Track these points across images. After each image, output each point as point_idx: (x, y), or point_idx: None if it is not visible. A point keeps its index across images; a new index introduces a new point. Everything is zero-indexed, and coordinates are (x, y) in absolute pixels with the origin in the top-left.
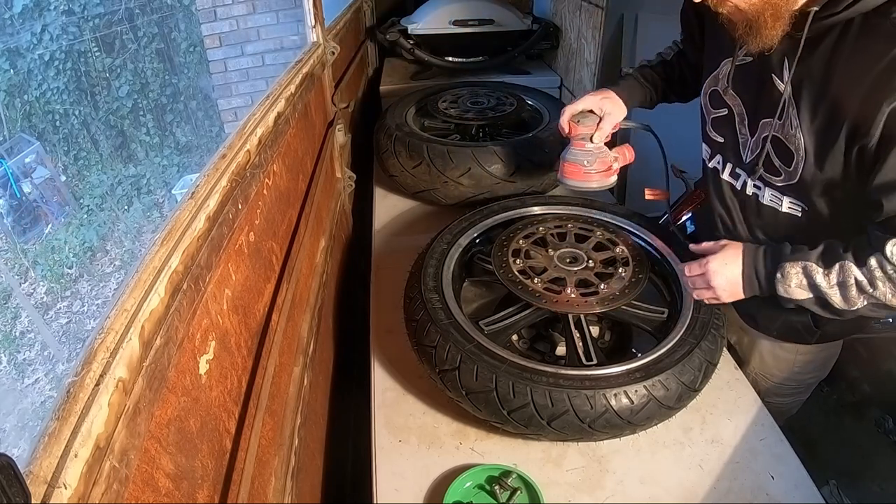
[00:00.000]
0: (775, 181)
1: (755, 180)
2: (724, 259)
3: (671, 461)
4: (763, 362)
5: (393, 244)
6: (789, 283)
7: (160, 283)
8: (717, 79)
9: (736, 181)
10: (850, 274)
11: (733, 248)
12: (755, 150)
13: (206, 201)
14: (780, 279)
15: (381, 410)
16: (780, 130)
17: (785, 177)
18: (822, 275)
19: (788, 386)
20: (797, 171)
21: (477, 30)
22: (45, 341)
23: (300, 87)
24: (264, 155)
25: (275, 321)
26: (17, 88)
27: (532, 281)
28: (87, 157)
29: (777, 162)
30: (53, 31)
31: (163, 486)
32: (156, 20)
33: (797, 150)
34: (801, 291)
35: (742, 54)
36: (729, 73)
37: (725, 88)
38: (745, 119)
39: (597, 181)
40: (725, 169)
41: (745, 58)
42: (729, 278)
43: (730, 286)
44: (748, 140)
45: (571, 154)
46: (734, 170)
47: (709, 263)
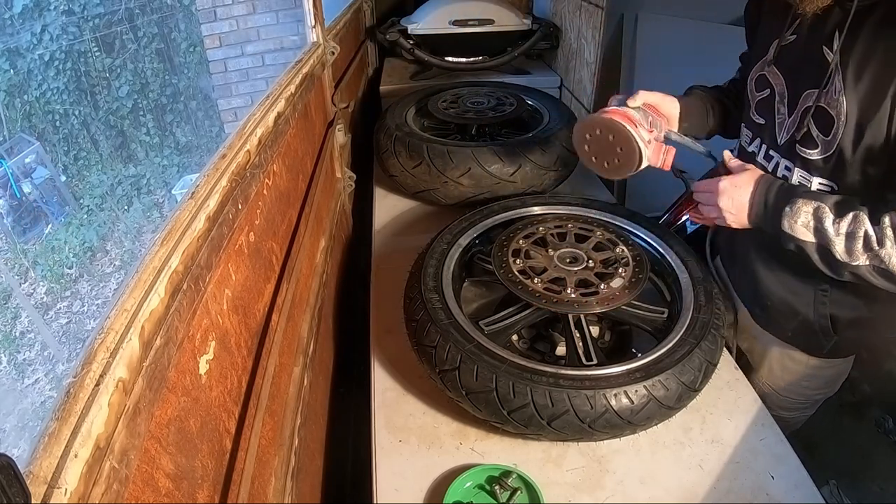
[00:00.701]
0: (810, 155)
1: (787, 159)
2: (736, 181)
3: (671, 461)
4: (772, 372)
5: (393, 244)
6: (796, 219)
7: (160, 283)
8: (765, 62)
9: (768, 164)
10: (861, 226)
11: (749, 173)
12: (791, 129)
13: (206, 201)
14: (789, 213)
15: (381, 410)
16: (824, 98)
17: (821, 148)
18: (832, 221)
19: (795, 400)
20: (835, 139)
21: (477, 30)
22: (45, 341)
23: (300, 87)
24: (264, 155)
25: (275, 321)
26: (17, 88)
27: (532, 281)
28: (87, 157)
29: (815, 132)
30: (53, 31)
31: (163, 486)
32: (156, 20)
33: (838, 116)
34: (805, 232)
35: (789, 33)
36: (775, 51)
37: (769, 66)
38: (786, 97)
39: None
40: (761, 151)
41: (790, 37)
42: (736, 201)
43: (736, 209)
44: (785, 120)
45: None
46: (768, 152)
47: (720, 182)
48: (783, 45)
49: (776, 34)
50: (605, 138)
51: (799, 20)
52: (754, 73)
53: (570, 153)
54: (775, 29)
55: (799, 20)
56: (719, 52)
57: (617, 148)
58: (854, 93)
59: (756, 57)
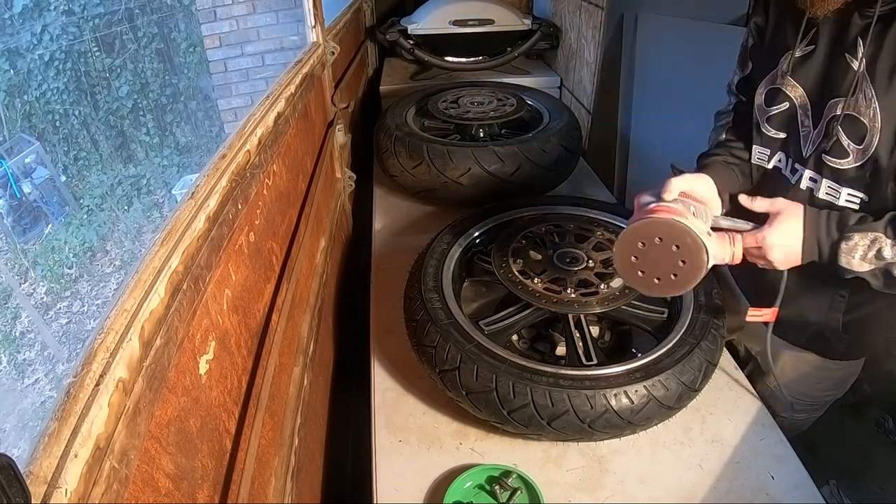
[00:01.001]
0: (840, 164)
1: (814, 171)
2: (782, 231)
3: (671, 461)
4: (784, 375)
5: (393, 244)
6: (854, 255)
7: (160, 283)
8: (776, 75)
9: (793, 176)
10: None
11: (792, 218)
12: (817, 140)
13: (206, 201)
14: (845, 249)
15: (381, 410)
16: (853, 107)
17: (853, 157)
18: (891, 246)
19: (805, 402)
20: (869, 147)
21: (477, 30)
22: (45, 341)
23: (300, 87)
24: (264, 155)
25: (275, 321)
26: (17, 88)
27: (532, 281)
28: (87, 157)
29: (846, 141)
30: (53, 31)
31: (163, 486)
32: (156, 20)
33: (872, 123)
34: (864, 264)
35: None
36: (789, 62)
37: (784, 79)
38: (809, 108)
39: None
40: (786, 165)
41: (806, 48)
42: (788, 251)
43: (788, 258)
44: (810, 132)
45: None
46: (793, 165)
47: (766, 238)
48: (799, 57)
49: (787, 47)
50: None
51: (814, 30)
52: (763, 87)
53: (570, 153)
54: (785, 42)
55: (814, 30)
56: (719, 52)
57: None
58: (887, 99)
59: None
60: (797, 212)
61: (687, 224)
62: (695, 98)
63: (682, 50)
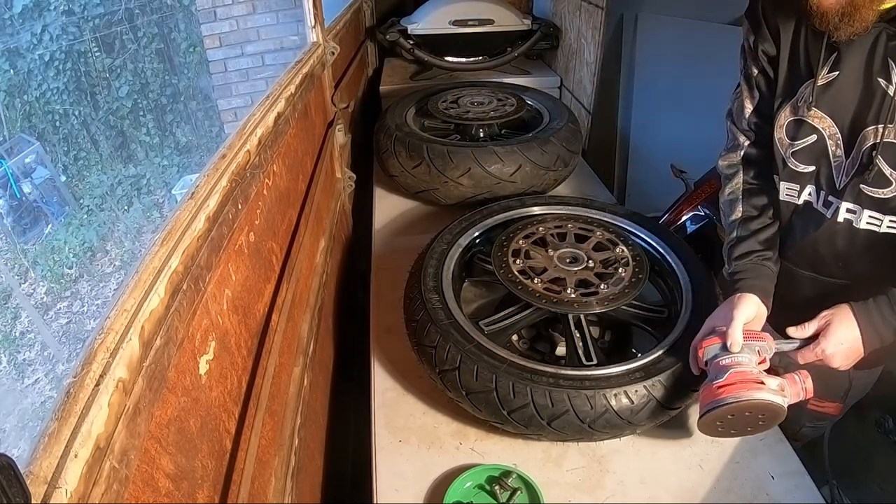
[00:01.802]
0: (883, 194)
1: (851, 202)
2: (839, 339)
3: (671, 461)
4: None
5: (393, 244)
6: None
7: (160, 284)
8: (797, 106)
9: (827, 210)
10: None
11: (844, 322)
12: (851, 171)
13: (206, 201)
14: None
15: (381, 410)
16: (893, 133)
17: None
18: None
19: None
20: None
21: (477, 30)
22: (45, 341)
23: (300, 87)
24: (264, 155)
25: (275, 321)
26: (17, 88)
27: (532, 281)
28: (87, 157)
29: (888, 170)
30: (53, 31)
31: (163, 486)
32: (156, 20)
33: None
34: None
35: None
36: (812, 92)
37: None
38: (840, 138)
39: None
40: (819, 199)
41: (829, 75)
42: (849, 353)
43: (850, 357)
44: (842, 162)
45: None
46: (827, 198)
47: (825, 350)
48: (822, 85)
49: (806, 75)
50: (741, 417)
51: (835, 55)
52: (783, 119)
53: (570, 153)
54: (804, 69)
55: (835, 55)
56: (719, 52)
57: (757, 417)
58: None
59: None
60: (846, 314)
61: (767, 398)
62: (695, 98)
63: (682, 50)
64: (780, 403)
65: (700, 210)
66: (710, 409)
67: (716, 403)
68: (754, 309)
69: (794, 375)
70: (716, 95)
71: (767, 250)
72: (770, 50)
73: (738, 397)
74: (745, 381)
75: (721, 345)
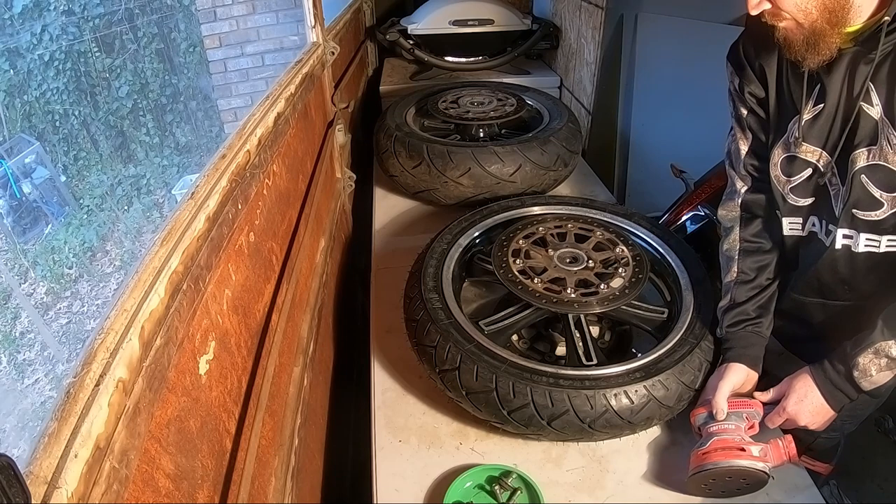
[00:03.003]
0: (875, 216)
1: (848, 228)
2: (798, 396)
3: (671, 461)
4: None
5: (393, 244)
6: (870, 374)
7: (160, 284)
8: (788, 142)
9: (827, 238)
10: None
11: (800, 380)
12: (846, 196)
13: (206, 201)
14: (860, 375)
15: (381, 410)
16: (878, 155)
17: (887, 206)
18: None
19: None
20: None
21: (477, 30)
22: (45, 341)
23: (300, 87)
24: (264, 155)
25: (275, 321)
26: (17, 88)
27: (532, 281)
28: (87, 157)
29: (877, 192)
30: (53, 31)
31: (163, 486)
32: (156, 20)
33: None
34: (885, 374)
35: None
36: (800, 127)
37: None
38: (834, 167)
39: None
40: (821, 229)
41: (815, 108)
42: (813, 410)
43: (817, 415)
44: (839, 190)
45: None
46: (827, 227)
47: (787, 409)
48: (809, 119)
49: (794, 111)
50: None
51: (818, 88)
52: (776, 157)
53: (570, 153)
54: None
55: (818, 88)
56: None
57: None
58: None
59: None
60: (803, 375)
61: (745, 465)
62: (695, 98)
63: (682, 50)
64: (760, 469)
65: (700, 210)
66: (693, 473)
67: (699, 468)
68: (742, 377)
69: (778, 440)
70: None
71: (760, 318)
72: (758, 91)
73: (717, 464)
74: (727, 448)
75: (709, 413)
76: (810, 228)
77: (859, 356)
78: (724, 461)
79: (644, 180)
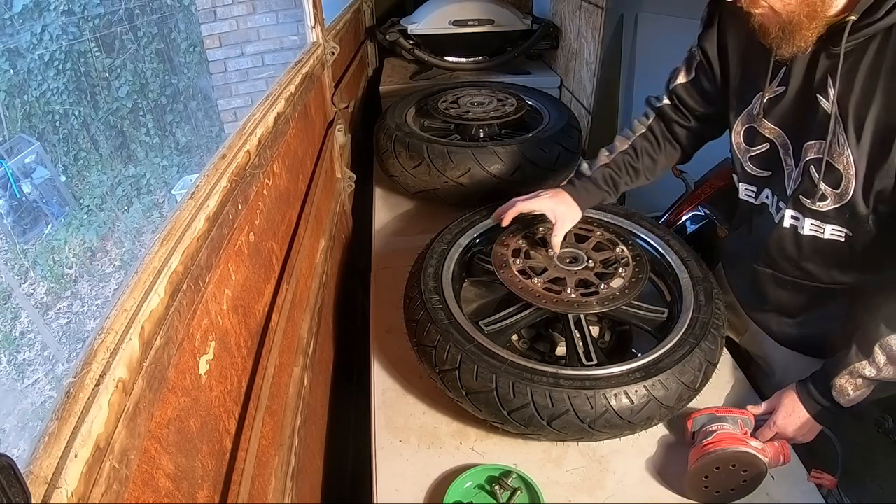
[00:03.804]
0: (820, 207)
1: (795, 210)
2: (786, 411)
3: (671, 461)
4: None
5: (393, 244)
6: (847, 393)
7: (160, 284)
8: (751, 115)
9: (776, 214)
10: (889, 347)
11: (788, 397)
12: (797, 180)
13: (206, 201)
14: (838, 395)
15: (381, 411)
16: (827, 151)
17: (831, 200)
18: (869, 365)
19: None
20: (847, 192)
21: (477, 30)
22: (45, 341)
23: (300, 87)
24: (264, 155)
25: (275, 321)
26: (17, 88)
27: (532, 281)
28: (87, 157)
29: (823, 186)
30: (53, 31)
31: (163, 486)
32: (156, 20)
33: (846, 170)
34: (861, 392)
35: (775, 85)
36: (762, 105)
37: (760, 121)
38: (790, 148)
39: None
40: (772, 203)
41: (777, 88)
42: (799, 425)
43: (804, 430)
44: (793, 171)
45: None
46: (778, 203)
47: (776, 423)
48: (771, 98)
49: (758, 86)
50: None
51: (784, 70)
52: (739, 125)
53: (570, 153)
54: (755, 81)
55: (784, 70)
56: None
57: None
58: (859, 143)
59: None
60: (788, 391)
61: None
62: None
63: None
64: (763, 459)
65: (700, 210)
66: (697, 461)
67: (704, 456)
68: (559, 206)
69: (775, 442)
70: None
71: (602, 168)
72: (710, 51)
73: (725, 449)
74: (732, 438)
75: (709, 416)
76: (763, 199)
77: (836, 378)
78: (731, 446)
79: None
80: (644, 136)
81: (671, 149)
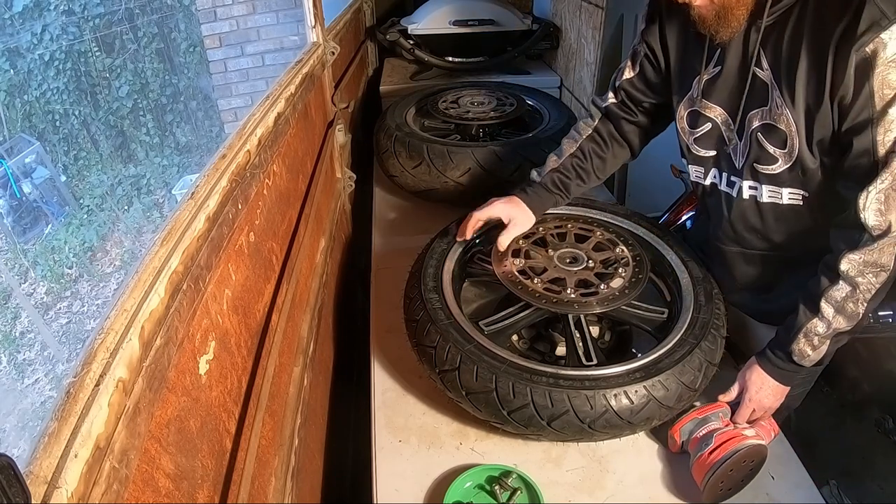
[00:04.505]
0: (773, 170)
1: (751, 180)
2: (756, 387)
3: (671, 461)
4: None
5: (393, 244)
6: (808, 354)
7: (160, 284)
8: (692, 98)
9: (731, 189)
10: (833, 298)
11: (753, 372)
12: (745, 151)
13: (206, 201)
14: (799, 358)
15: (381, 411)
16: (769, 115)
17: (782, 161)
18: (820, 321)
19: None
20: (793, 150)
21: (477, 30)
22: (45, 341)
23: (300, 87)
24: (264, 155)
25: (275, 321)
26: (17, 88)
27: (532, 281)
28: (87, 157)
29: (771, 149)
30: (53, 31)
31: (163, 486)
32: (156, 20)
33: (788, 128)
34: (821, 349)
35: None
36: (701, 87)
37: (701, 102)
38: (732, 124)
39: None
40: (722, 180)
41: (713, 69)
42: (771, 395)
43: (779, 396)
44: (737, 144)
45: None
46: (729, 179)
47: (751, 399)
48: (708, 79)
49: (695, 71)
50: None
51: (718, 52)
52: (682, 110)
53: None
54: (692, 65)
55: (718, 52)
56: None
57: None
58: (795, 102)
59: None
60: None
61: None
62: None
63: None
64: (763, 444)
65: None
66: (712, 472)
67: (716, 465)
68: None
69: (762, 422)
70: None
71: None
72: (654, 44)
73: (736, 449)
74: (732, 437)
75: (693, 421)
76: (711, 179)
77: (792, 343)
78: (739, 444)
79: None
80: (591, 137)
81: (619, 147)
